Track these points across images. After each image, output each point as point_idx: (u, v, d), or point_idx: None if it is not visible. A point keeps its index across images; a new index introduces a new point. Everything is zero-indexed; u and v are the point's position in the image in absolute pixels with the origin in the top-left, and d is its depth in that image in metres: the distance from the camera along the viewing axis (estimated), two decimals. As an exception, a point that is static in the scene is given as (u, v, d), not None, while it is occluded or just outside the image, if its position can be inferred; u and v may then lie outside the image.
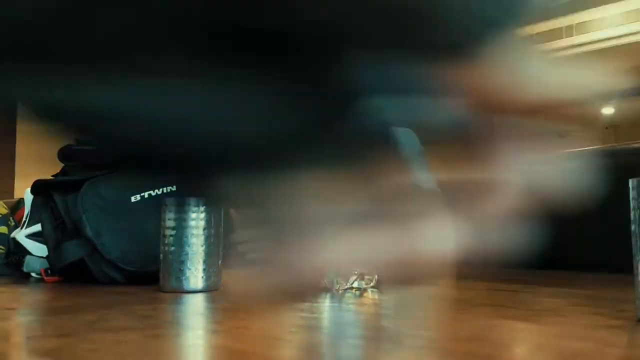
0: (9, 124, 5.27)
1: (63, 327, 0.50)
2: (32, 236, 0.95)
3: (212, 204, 0.73)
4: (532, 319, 0.53)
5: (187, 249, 0.72)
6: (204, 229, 0.72)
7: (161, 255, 0.73)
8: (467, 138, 0.23)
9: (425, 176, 1.00)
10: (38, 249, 0.94)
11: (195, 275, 0.71)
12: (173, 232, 0.72)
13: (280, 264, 0.20)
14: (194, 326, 0.54)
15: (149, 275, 0.81)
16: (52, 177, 0.91)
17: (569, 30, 6.93)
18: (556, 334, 0.45)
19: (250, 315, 0.60)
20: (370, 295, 0.68)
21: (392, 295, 0.75)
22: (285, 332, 0.49)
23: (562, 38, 7.01)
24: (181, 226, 0.72)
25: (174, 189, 0.91)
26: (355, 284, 0.71)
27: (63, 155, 0.91)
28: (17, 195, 5.12)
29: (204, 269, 0.72)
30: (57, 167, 0.95)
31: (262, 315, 0.59)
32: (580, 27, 6.57)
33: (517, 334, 0.46)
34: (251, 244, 0.80)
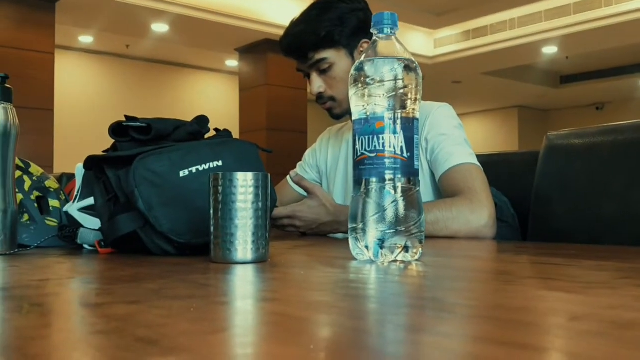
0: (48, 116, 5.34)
1: (130, 294, 0.53)
2: (85, 209, 0.99)
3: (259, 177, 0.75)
4: (580, 290, 0.54)
5: (236, 221, 0.74)
6: (252, 202, 0.75)
7: (211, 228, 0.76)
8: None
9: (462, 150, 1.04)
10: (90, 222, 0.98)
11: (245, 247, 0.74)
12: (222, 206, 0.75)
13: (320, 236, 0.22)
14: (251, 295, 0.57)
15: (198, 247, 0.84)
16: (103, 153, 0.95)
17: (608, 1, 6.71)
18: (607, 304, 0.47)
19: (301, 285, 0.62)
20: (415, 267, 0.70)
21: (437, 268, 0.77)
22: (337, 301, 0.52)
23: (600, 7, 6.80)
24: (230, 200, 0.75)
25: (220, 163, 0.94)
26: (400, 257, 0.73)
27: (114, 131, 0.94)
28: (56, 170, 5.21)
29: (253, 241, 0.75)
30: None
31: (312, 285, 0.62)
32: (620, -4, 6.32)
33: (566, 305, 0.48)
34: (292, 218, 0.84)
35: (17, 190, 1.00)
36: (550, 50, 8.18)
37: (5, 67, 4.91)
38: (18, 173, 1.06)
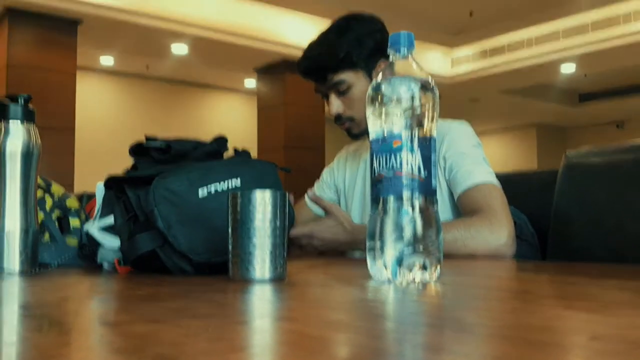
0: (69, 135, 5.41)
1: (149, 313, 0.54)
2: (105, 229, 1.00)
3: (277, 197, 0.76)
4: (601, 310, 0.53)
5: (254, 240, 0.75)
6: (270, 221, 0.75)
7: (229, 247, 0.76)
8: None
9: (480, 169, 1.03)
10: (110, 241, 0.99)
11: (263, 266, 0.74)
12: (240, 225, 0.75)
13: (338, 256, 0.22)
14: (269, 314, 0.57)
15: (217, 266, 0.84)
16: (124, 172, 0.96)
17: (627, 18, 6.68)
18: (628, 324, 0.46)
19: (319, 303, 0.62)
20: (433, 286, 0.70)
21: (456, 287, 0.76)
22: (355, 320, 0.52)
23: (619, 24, 6.76)
24: (248, 218, 0.75)
25: (239, 183, 0.94)
26: (418, 276, 0.72)
27: (134, 151, 0.96)
28: (77, 189, 5.28)
29: (271, 260, 0.75)
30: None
31: (330, 304, 0.62)
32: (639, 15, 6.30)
33: (586, 324, 0.47)
34: (310, 237, 0.85)
35: (38, 210, 1.01)
36: (568, 68, 8.14)
37: (28, 88, 5.01)
38: (40, 192, 1.08)
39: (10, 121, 0.94)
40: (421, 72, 0.77)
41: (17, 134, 0.94)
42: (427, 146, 0.75)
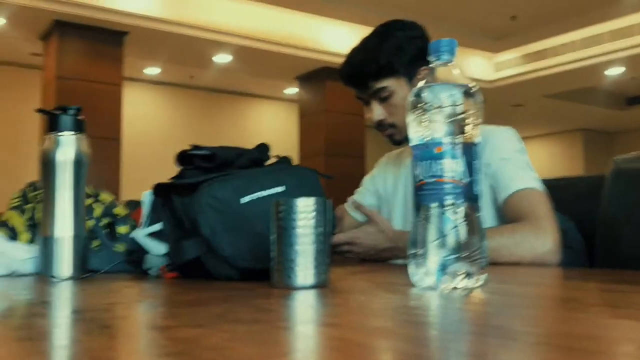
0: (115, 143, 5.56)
1: (195, 318, 0.55)
2: (152, 235, 1.02)
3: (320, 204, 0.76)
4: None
5: (297, 247, 0.75)
6: (313, 228, 0.76)
7: (272, 253, 0.77)
8: None
9: (525, 174, 1.02)
10: (157, 247, 1.02)
11: (305, 272, 0.75)
12: (283, 231, 0.76)
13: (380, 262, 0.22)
14: (312, 320, 0.57)
15: (260, 272, 0.85)
16: (170, 180, 0.98)
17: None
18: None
19: (361, 310, 0.62)
20: (478, 294, 0.69)
21: (500, 294, 0.75)
22: (398, 327, 0.52)
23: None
24: (291, 225, 0.76)
25: (281, 189, 0.96)
26: (462, 284, 0.72)
27: (180, 159, 0.98)
28: (123, 197, 5.40)
29: (314, 266, 0.75)
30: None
31: (372, 311, 0.62)
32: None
33: (635, 333, 0.46)
34: (351, 244, 0.85)
35: (87, 217, 1.05)
36: (615, 71, 7.94)
37: (75, 99, 5.17)
38: (89, 200, 1.11)
39: (62, 132, 0.97)
40: (463, 78, 0.77)
41: (68, 144, 0.97)
42: (470, 152, 0.75)
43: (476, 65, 8.19)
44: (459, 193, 0.73)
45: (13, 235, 1.06)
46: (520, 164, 1.34)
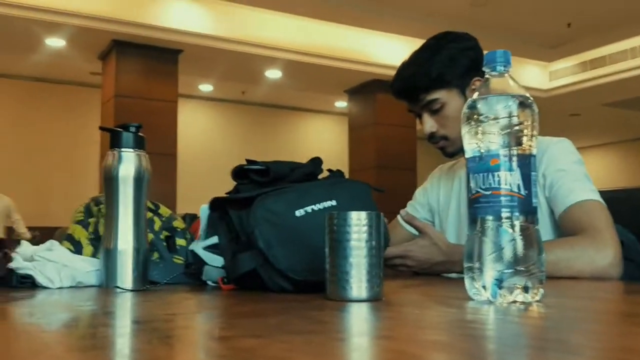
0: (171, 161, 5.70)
1: (253, 329, 0.56)
2: (209, 248, 1.04)
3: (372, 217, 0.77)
4: None
5: (350, 259, 0.76)
6: (366, 241, 0.76)
7: (327, 266, 0.78)
8: None
9: (583, 186, 1.00)
10: (214, 260, 1.04)
11: (359, 285, 0.75)
12: (337, 244, 0.77)
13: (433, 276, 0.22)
14: (367, 332, 0.58)
15: (314, 284, 0.86)
16: (226, 195, 1.01)
17: None
18: None
19: (417, 323, 0.62)
20: (536, 308, 0.68)
21: (559, 308, 0.74)
22: (454, 340, 0.51)
23: None
24: (344, 238, 0.76)
25: (334, 203, 0.96)
26: (520, 298, 0.71)
27: (235, 174, 1.00)
28: (179, 211, 5.53)
29: (367, 279, 0.75)
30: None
31: (428, 324, 0.62)
32: None
33: None
34: (404, 257, 0.85)
35: (148, 230, 1.08)
36: (678, 77, 7.64)
37: (133, 116, 5.33)
38: (149, 214, 1.15)
39: (123, 148, 1.01)
40: (519, 89, 0.76)
41: (129, 160, 1.01)
42: (526, 164, 0.74)
43: (531, 74, 8.03)
44: (515, 205, 0.72)
45: (77, 248, 1.10)
46: (577, 175, 1.31)
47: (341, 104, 9.03)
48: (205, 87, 8.67)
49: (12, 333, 0.61)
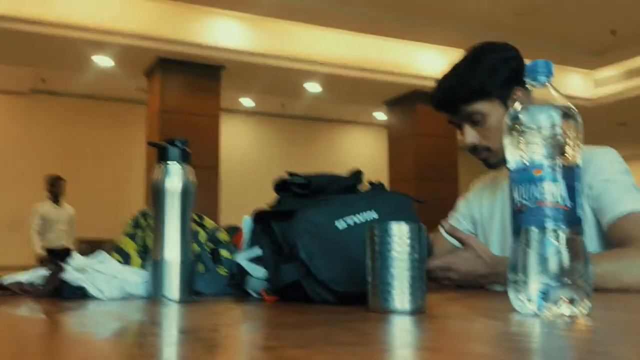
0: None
1: (297, 339, 0.57)
2: (252, 259, 1.06)
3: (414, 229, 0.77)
4: None
5: (392, 271, 0.76)
6: (408, 253, 0.76)
7: (369, 278, 0.78)
8: None
9: (630, 197, 0.98)
10: (257, 271, 1.05)
11: (402, 297, 0.75)
12: (379, 256, 0.77)
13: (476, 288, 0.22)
14: (411, 344, 0.58)
15: (356, 296, 0.87)
16: (269, 207, 1.02)
17: None
18: None
19: (461, 336, 0.62)
20: (583, 321, 0.67)
21: (607, 321, 0.72)
22: (500, 353, 0.51)
23: None
24: (386, 250, 0.76)
25: (375, 215, 0.97)
26: (566, 310, 0.70)
27: (277, 187, 1.02)
28: (221, 223, 5.59)
29: (410, 292, 0.75)
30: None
31: (473, 337, 0.62)
32: None
33: None
34: (447, 270, 0.85)
35: (193, 242, 1.10)
36: None
37: (177, 131, 5.45)
38: (194, 226, 1.17)
39: (170, 162, 1.04)
40: (561, 99, 0.75)
41: (176, 174, 1.03)
42: (571, 175, 0.73)
43: (574, 82, 7.88)
44: (560, 217, 0.72)
45: (126, 260, 1.13)
46: (624, 185, 1.28)
47: (380, 115, 9.02)
48: (246, 102, 8.80)
49: (66, 342, 0.63)
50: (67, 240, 6.44)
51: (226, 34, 6.10)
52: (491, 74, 1.39)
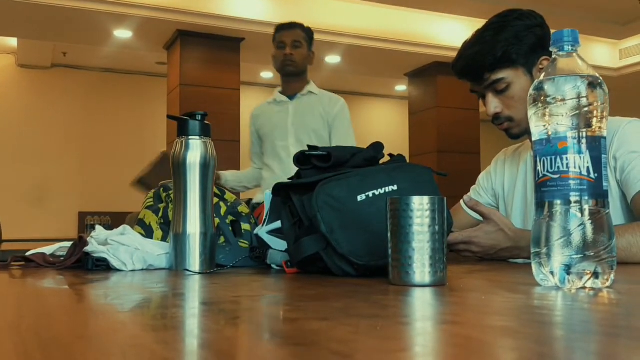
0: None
1: (319, 311, 0.57)
2: (272, 232, 1.06)
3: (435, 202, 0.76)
4: None
5: (413, 244, 0.75)
6: (429, 226, 0.76)
7: (389, 251, 0.78)
8: None
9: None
10: (278, 244, 1.06)
11: (422, 270, 0.75)
12: (399, 229, 0.76)
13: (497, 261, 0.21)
14: (432, 317, 0.58)
15: (377, 269, 0.87)
16: (289, 180, 1.02)
17: None
18: None
19: (482, 309, 0.62)
20: (606, 294, 0.66)
21: (631, 295, 0.71)
22: (521, 326, 0.51)
23: None
24: (407, 223, 0.76)
25: (396, 188, 0.96)
26: (589, 284, 0.69)
27: (297, 159, 1.01)
28: (242, 197, 5.63)
29: (431, 264, 0.75)
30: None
31: (494, 310, 0.61)
32: None
33: None
34: (469, 244, 0.84)
35: (214, 215, 1.11)
36: None
37: (197, 104, 5.45)
38: (215, 200, 1.18)
39: (190, 136, 1.04)
40: (588, 69, 0.73)
41: (196, 147, 1.03)
42: (596, 147, 0.71)
43: (600, 53, 7.70)
44: (585, 189, 0.70)
45: (148, 233, 1.14)
46: (651, 157, 1.26)
47: (401, 87, 8.93)
48: (267, 74, 8.76)
49: (90, 313, 0.64)
50: None
51: (246, 5, 6.05)
52: (516, 41, 1.36)
